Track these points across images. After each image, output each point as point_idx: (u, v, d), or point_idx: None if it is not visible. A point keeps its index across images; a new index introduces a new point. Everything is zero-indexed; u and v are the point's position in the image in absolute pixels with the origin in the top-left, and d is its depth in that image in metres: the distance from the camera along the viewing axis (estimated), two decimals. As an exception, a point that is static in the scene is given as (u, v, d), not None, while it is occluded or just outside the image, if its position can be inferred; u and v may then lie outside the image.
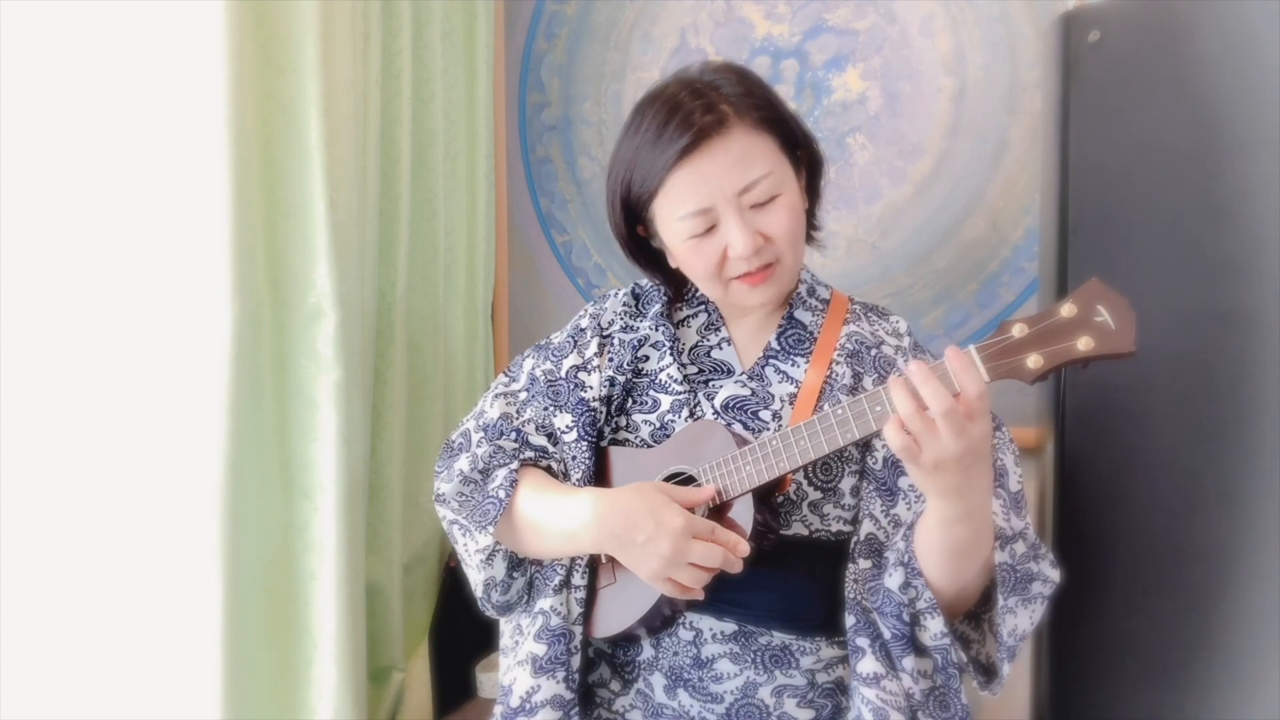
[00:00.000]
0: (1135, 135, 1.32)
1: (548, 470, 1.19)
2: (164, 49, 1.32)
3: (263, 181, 1.40)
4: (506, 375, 1.29)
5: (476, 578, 1.18)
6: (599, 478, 1.17)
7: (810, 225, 1.23)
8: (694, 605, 1.08)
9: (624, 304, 1.27)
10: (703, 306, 1.25)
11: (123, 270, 1.34)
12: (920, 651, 1.07)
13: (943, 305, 1.78)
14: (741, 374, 1.19)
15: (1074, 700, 1.36)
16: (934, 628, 1.05)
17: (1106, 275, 0.95)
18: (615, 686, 1.16)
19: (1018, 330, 0.94)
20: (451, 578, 1.87)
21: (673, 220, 1.12)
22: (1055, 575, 1.09)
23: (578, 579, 1.15)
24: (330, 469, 1.44)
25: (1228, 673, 1.27)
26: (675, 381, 1.18)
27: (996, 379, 0.95)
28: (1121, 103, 1.32)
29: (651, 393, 1.19)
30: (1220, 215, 1.28)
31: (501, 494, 1.13)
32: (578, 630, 1.13)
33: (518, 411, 1.23)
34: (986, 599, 1.10)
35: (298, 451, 1.45)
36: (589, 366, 1.21)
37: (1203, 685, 1.28)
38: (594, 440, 1.18)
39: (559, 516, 1.11)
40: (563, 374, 1.22)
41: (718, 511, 1.09)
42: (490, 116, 1.97)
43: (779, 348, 1.20)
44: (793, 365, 1.19)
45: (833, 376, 1.16)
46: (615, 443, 1.19)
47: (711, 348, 1.22)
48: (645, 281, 1.29)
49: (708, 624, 1.10)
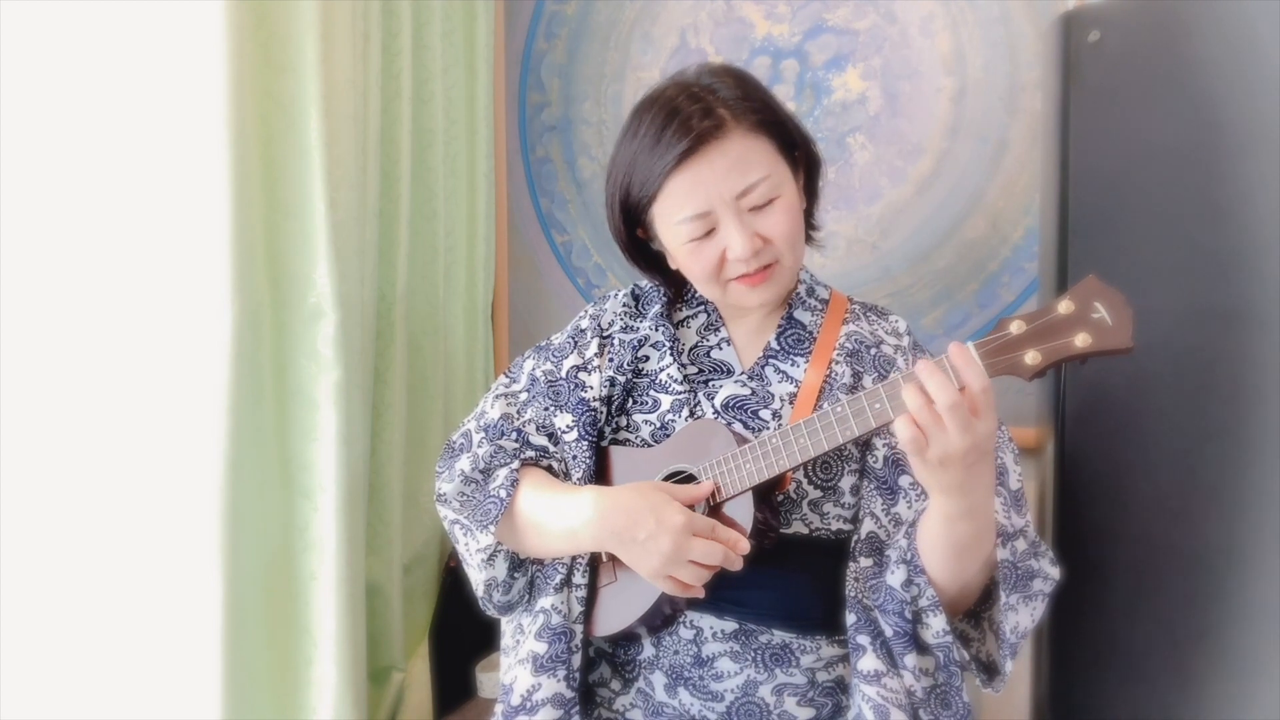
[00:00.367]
0: (1135, 135, 1.32)
1: (548, 470, 1.19)
2: (164, 49, 1.32)
3: (263, 181, 1.40)
4: (507, 376, 1.29)
5: (478, 577, 1.18)
6: (599, 477, 1.17)
7: (809, 225, 1.23)
8: (694, 604, 1.08)
9: (624, 305, 1.27)
10: (702, 307, 1.25)
11: (123, 270, 1.34)
12: (922, 649, 1.07)
13: (943, 305, 1.78)
14: (741, 374, 1.20)
15: (1074, 700, 1.36)
16: (936, 625, 1.05)
17: (1106, 275, 0.95)
18: (616, 685, 1.16)
19: (1015, 327, 0.94)
20: (451, 578, 1.87)
21: (672, 224, 1.12)
22: (1055, 573, 1.10)
23: (579, 577, 1.15)
24: (330, 469, 1.44)
25: (1227, 672, 1.27)
26: (675, 381, 1.19)
27: (995, 375, 0.95)
28: (1121, 103, 1.32)
29: (652, 393, 1.19)
30: (1220, 215, 1.28)
31: (503, 493, 1.13)
32: (578, 629, 1.13)
33: (518, 412, 1.23)
34: (986, 597, 1.11)
35: (298, 451, 1.45)
36: (589, 367, 1.21)
37: (1202, 685, 1.28)
38: (594, 440, 1.18)
39: (560, 515, 1.11)
40: (563, 374, 1.22)
41: (718, 510, 1.09)
42: (490, 116, 1.97)
43: (778, 347, 1.20)
44: (792, 365, 1.19)
45: (832, 376, 1.16)
46: (616, 442, 1.19)
47: (711, 348, 1.22)
48: (645, 282, 1.29)
49: (708, 622, 1.11)
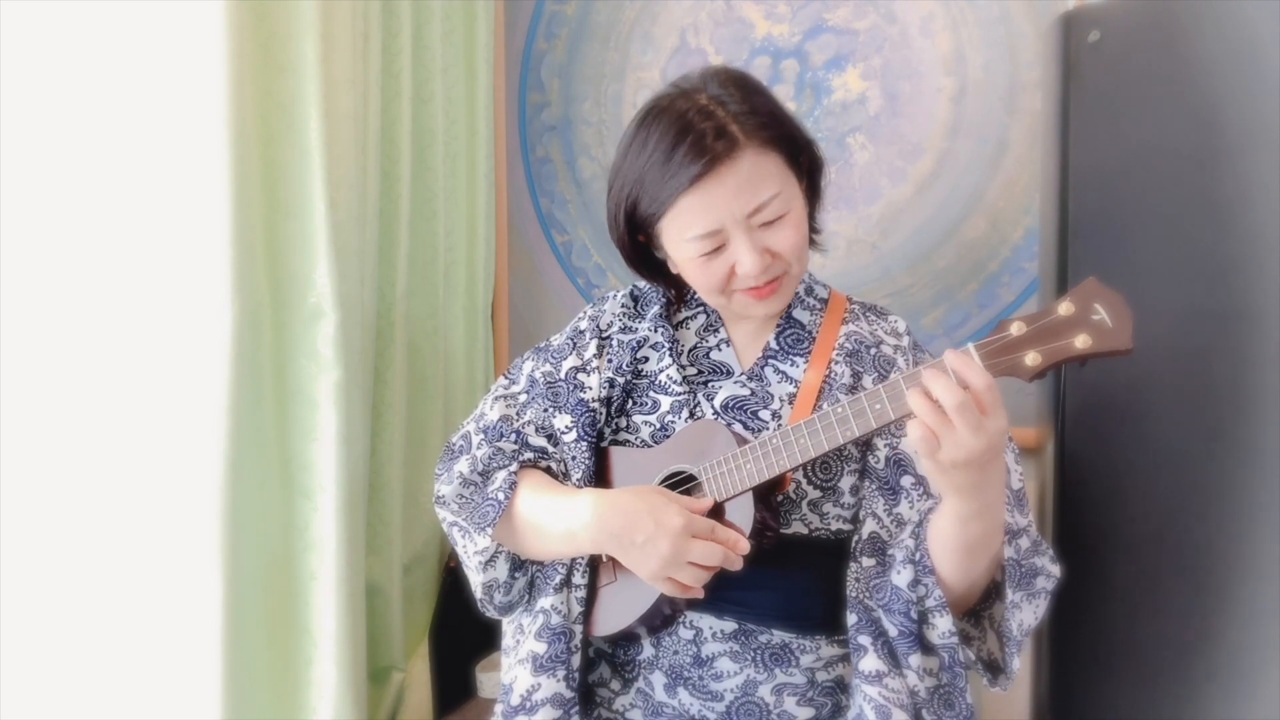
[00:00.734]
0: (1135, 135, 1.32)
1: (547, 471, 1.19)
2: (164, 49, 1.32)
3: (263, 181, 1.40)
4: (506, 378, 1.29)
5: (477, 579, 1.18)
6: (599, 478, 1.17)
7: (811, 229, 1.23)
8: (694, 604, 1.09)
9: (623, 306, 1.27)
10: (701, 308, 1.25)
11: (123, 270, 1.34)
12: (927, 649, 1.07)
13: (943, 305, 1.78)
14: (741, 374, 1.20)
15: (1074, 700, 1.36)
16: (942, 626, 1.05)
17: (1106, 275, 0.95)
18: (615, 685, 1.16)
19: (1016, 328, 0.94)
20: (451, 578, 1.87)
21: (680, 241, 1.12)
22: (1056, 570, 1.10)
23: (578, 578, 1.15)
24: (330, 469, 1.44)
25: (1227, 672, 1.27)
26: (675, 383, 1.18)
27: (995, 376, 0.95)
28: (1121, 103, 1.32)
29: (651, 394, 1.19)
30: (1220, 215, 1.28)
31: (501, 496, 1.13)
32: (578, 629, 1.13)
33: (517, 413, 1.23)
34: (985, 596, 1.11)
35: (298, 451, 1.45)
36: (588, 368, 1.21)
37: (1202, 685, 1.28)
38: (594, 440, 1.18)
39: (558, 517, 1.11)
40: (562, 375, 1.22)
41: (718, 510, 1.09)
42: (490, 116, 1.97)
43: (778, 348, 1.20)
44: (791, 365, 1.19)
45: (832, 376, 1.16)
46: (615, 443, 1.19)
47: (710, 349, 1.22)
48: (644, 283, 1.29)
49: (708, 623, 1.11)
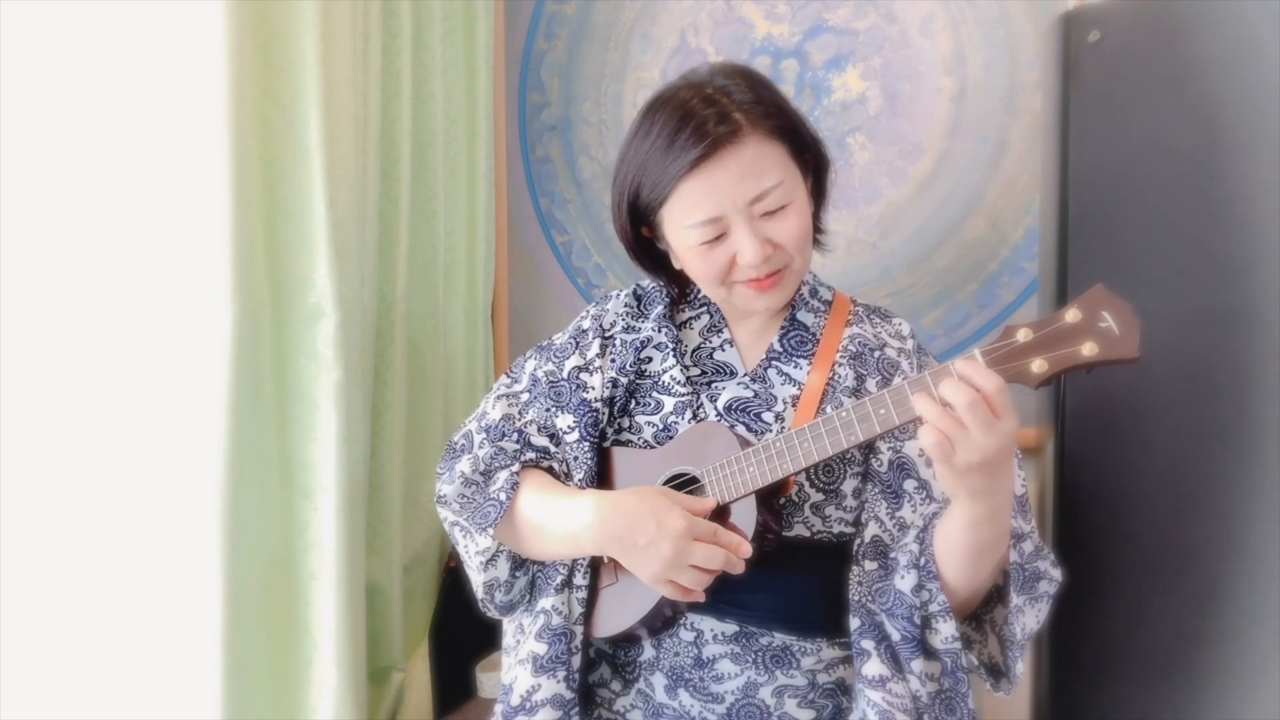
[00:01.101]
0: (1135, 135, 1.32)
1: (549, 471, 1.19)
2: (164, 49, 1.31)
3: (263, 181, 1.40)
4: (508, 376, 1.28)
5: (478, 579, 1.18)
6: (601, 478, 1.17)
7: (816, 228, 1.23)
8: (695, 606, 1.08)
9: (626, 305, 1.26)
10: (705, 308, 1.25)
11: (123, 270, 1.34)
12: (929, 654, 1.07)
13: (943, 305, 1.78)
14: (744, 375, 1.19)
15: (1074, 700, 1.36)
16: (945, 631, 1.05)
17: (1106, 275, 0.95)
18: (616, 686, 1.16)
19: (1022, 335, 0.94)
20: (451, 578, 1.87)
21: (682, 228, 1.11)
22: (1058, 574, 1.10)
23: (579, 579, 1.14)
24: (330, 469, 1.44)
25: (1227, 673, 1.28)
26: (678, 383, 1.18)
27: None
28: (1121, 103, 1.33)
29: (654, 394, 1.19)
30: (1220, 215, 1.28)
31: (503, 496, 1.13)
32: (579, 630, 1.13)
33: (520, 413, 1.23)
34: (986, 600, 1.11)
35: (298, 451, 1.45)
36: (591, 367, 1.21)
37: (1203, 685, 1.29)
38: (596, 441, 1.18)
39: (560, 518, 1.10)
40: (564, 375, 1.22)
41: (720, 513, 1.09)
42: (490, 116, 1.97)
43: (781, 349, 1.20)
44: (795, 367, 1.19)
45: (835, 378, 1.16)
46: (618, 443, 1.19)
47: (714, 349, 1.22)
48: (647, 283, 1.29)
49: (709, 625, 1.10)
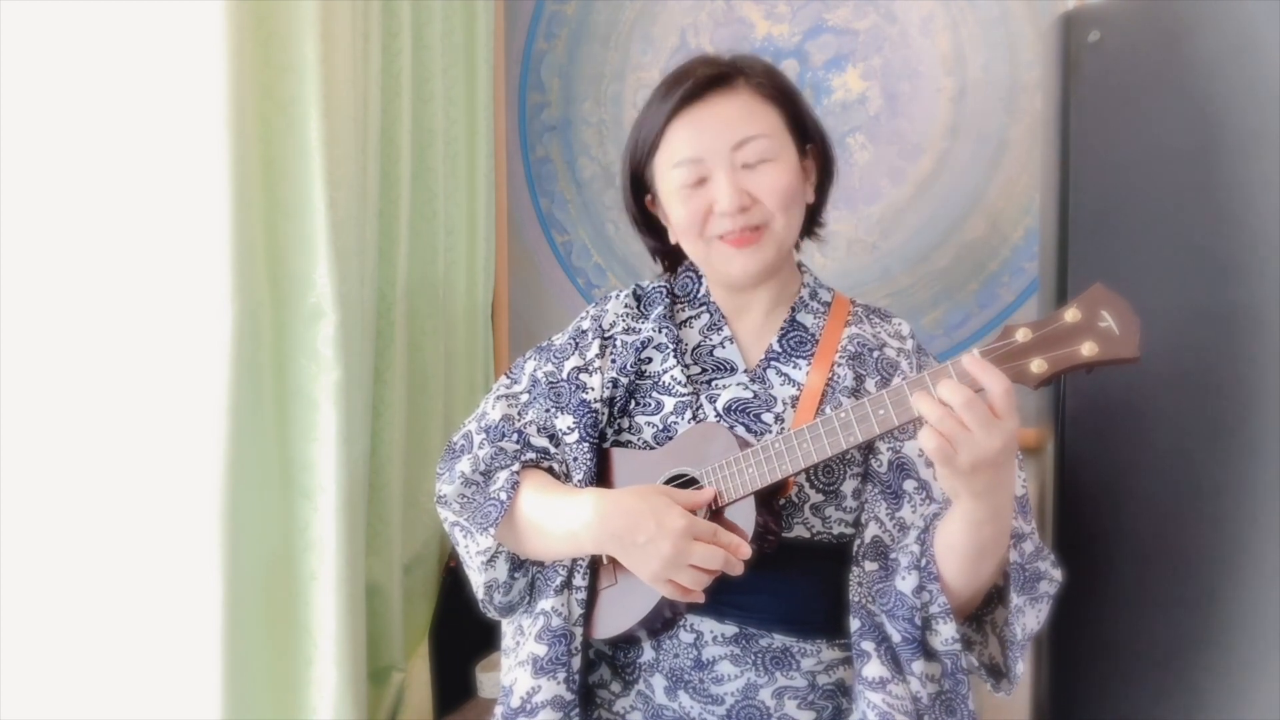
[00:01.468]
0: (1135, 135, 1.32)
1: (549, 472, 1.19)
2: (164, 49, 1.31)
3: (263, 181, 1.40)
4: (508, 377, 1.28)
5: (478, 579, 1.18)
6: (601, 479, 1.17)
7: (816, 223, 1.23)
8: (695, 607, 1.08)
9: (626, 306, 1.26)
10: (704, 307, 1.25)
11: (123, 270, 1.34)
12: (930, 656, 1.07)
13: (943, 305, 1.78)
14: (744, 374, 1.19)
15: (1074, 700, 1.36)
16: (946, 632, 1.05)
17: (1106, 275, 0.95)
18: (616, 688, 1.16)
19: (1021, 335, 0.94)
20: (451, 578, 1.87)
21: (667, 170, 1.14)
22: (1058, 575, 1.10)
23: (579, 580, 1.14)
24: (330, 469, 1.44)
25: (1228, 673, 1.27)
26: (679, 383, 1.18)
27: None
28: (1121, 103, 1.32)
29: (655, 394, 1.19)
30: (1221, 215, 1.28)
31: (503, 496, 1.13)
32: (578, 631, 1.13)
33: (519, 413, 1.23)
34: (987, 600, 1.11)
35: (298, 451, 1.45)
36: (590, 368, 1.21)
37: (1203, 685, 1.28)
38: (595, 441, 1.17)
39: (560, 517, 1.10)
40: (564, 375, 1.22)
41: (720, 514, 1.08)
42: (490, 116, 1.97)
43: (780, 350, 1.20)
44: (794, 368, 1.19)
45: (834, 379, 1.16)
46: (618, 444, 1.19)
47: (714, 347, 1.22)
48: (647, 283, 1.29)
49: (708, 626, 1.10)
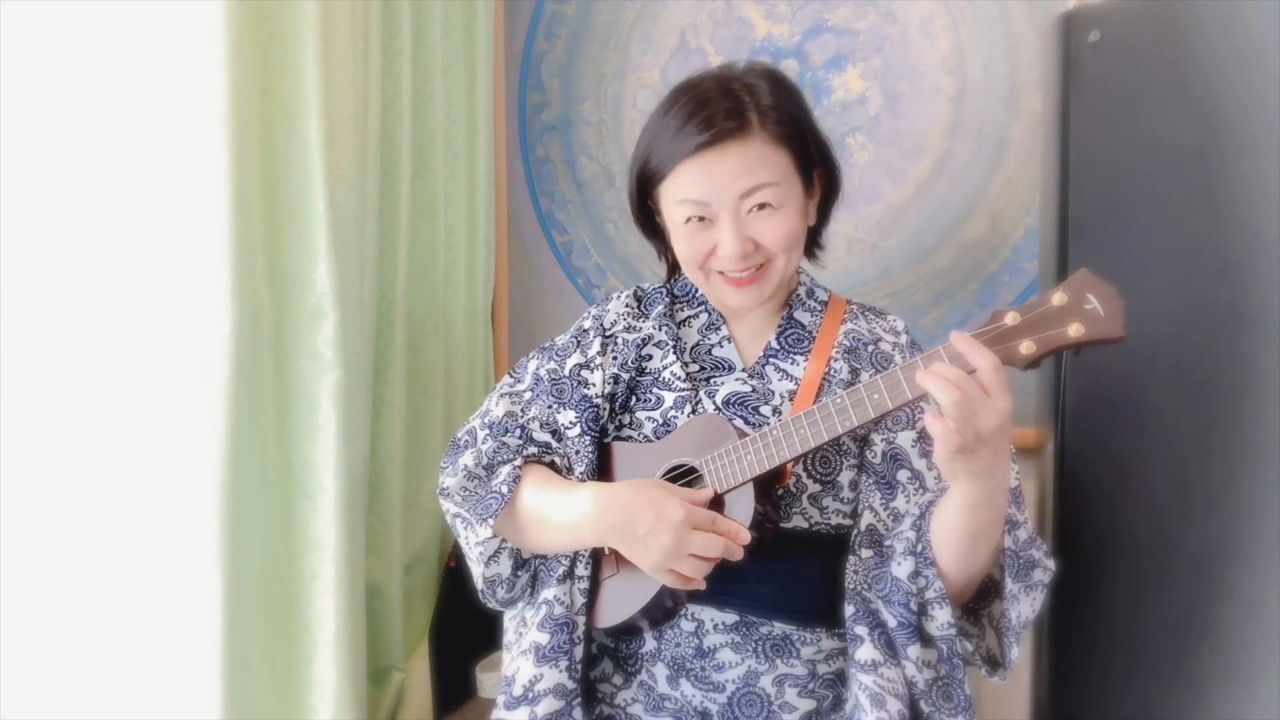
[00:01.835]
0: (1135, 135, 1.32)
1: (551, 466, 1.20)
2: (164, 49, 1.32)
3: (263, 181, 1.40)
4: (511, 376, 1.30)
5: (478, 571, 1.19)
6: (602, 472, 1.18)
7: (816, 244, 1.25)
8: (695, 596, 1.09)
9: (626, 305, 1.28)
10: (703, 307, 1.27)
11: (123, 270, 1.34)
12: (926, 641, 1.08)
13: (943, 305, 1.78)
14: (742, 371, 1.21)
15: (1074, 698, 1.36)
16: (941, 618, 1.06)
17: (1106, 274, 0.96)
18: (617, 680, 1.17)
19: (1010, 318, 0.96)
20: (451, 578, 1.87)
21: (674, 203, 1.16)
22: (1051, 564, 1.11)
23: (581, 569, 1.16)
24: (330, 469, 1.44)
25: (1227, 671, 1.27)
26: (678, 379, 1.20)
27: None
28: (1121, 103, 1.33)
29: (655, 390, 1.20)
30: (1221, 215, 1.28)
31: (504, 489, 1.14)
32: (581, 620, 1.14)
33: (522, 410, 1.24)
34: (983, 595, 1.12)
35: (298, 451, 1.45)
36: (592, 365, 1.22)
37: (1202, 684, 1.29)
38: (597, 435, 1.19)
39: (561, 510, 1.11)
40: (566, 372, 1.23)
41: (718, 502, 1.10)
42: (490, 116, 1.97)
43: (778, 347, 1.22)
44: (792, 363, 1.20)
45: (831, 371, 1.18)
46: (618, 439, 1.20)
47: (713, 346, 1.24)
48: (647, 284, 1.31)
49: (709, 615, 1.11)
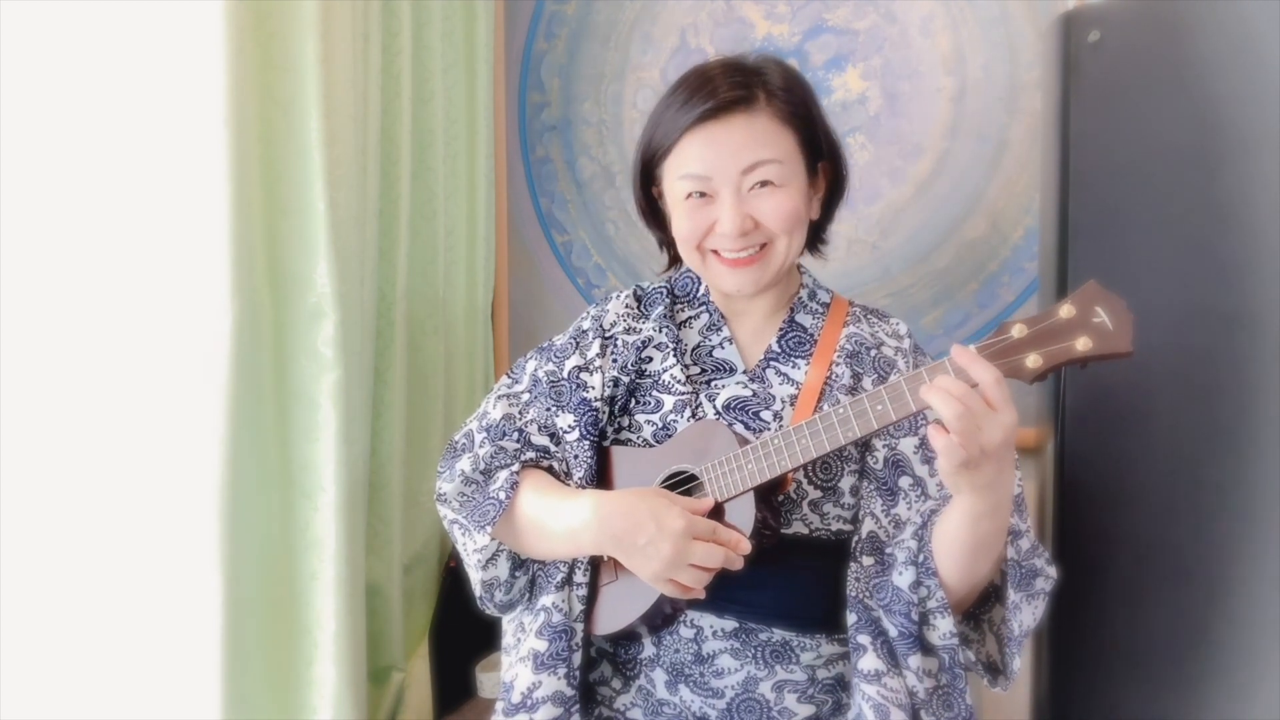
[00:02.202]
0: (1135, 135, 1.32)
1: (550, 471, 1.19)
2: (164, 49, 1.31)
3: (263, 181, 1.40)
4: (509, 377, 1.29)
5: (476, 577, 1.18)
6: (601, 477, 1.17)
7: (819, 240, 1.24)
8: (695, 603, 1.09)
9: (626, 306, 1.27)
10: (704, 308, 1.25)
11: (123, 270, 1.34)
12: (927, 650, 1.08)
13: (943, 305, 1.78)
14: (743, 374, 1.20)
15: (1074, 700, 1.36)
16: (943, 627, 1.05)
17: (1106, 275, 0.96)
18: (616, 684, 1.16)
19: (1017, 330, 0.95)
20: (451, 578, 1.87)
21: (675, 178, 1.15)
22: (1053, 572, 1.10)
23: (579, 576, 1.15)
24: (330, 469, 1.44)
25: (1227, 673, 1.28)
26: (678, 382, 1.19)
27: None
28: (1121, 103, 1.33)
29: (655, 393, 1.19)
30: (1221, 215, 1.28)
31: (502, 495, 1.13)
32: (579, 627, 1.13)
33: (520, 412, 1.23)
34: (984, 599, 1.11)
35: (298, 451, 1.45)
36: (591, 367, 1.21)
37: (1202, 685, 1.29)
38: (596, 439, 1.18)
39: (560, 517, 1.11)
40: (565, 374, 1.22)
41: (719, 510, 1.09)
42: (490, 116, 1.97)
43: (779, 350, 1.21)
44: (793, 367, 1.19)
45: (832, 377, 1.17)
46: (617, 442, 1.19)
47: (714, 347, 1.23)
48: (647, 284, 1.30)
49: (709, 621, 1.11)
